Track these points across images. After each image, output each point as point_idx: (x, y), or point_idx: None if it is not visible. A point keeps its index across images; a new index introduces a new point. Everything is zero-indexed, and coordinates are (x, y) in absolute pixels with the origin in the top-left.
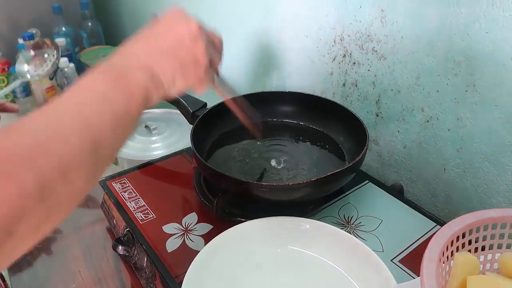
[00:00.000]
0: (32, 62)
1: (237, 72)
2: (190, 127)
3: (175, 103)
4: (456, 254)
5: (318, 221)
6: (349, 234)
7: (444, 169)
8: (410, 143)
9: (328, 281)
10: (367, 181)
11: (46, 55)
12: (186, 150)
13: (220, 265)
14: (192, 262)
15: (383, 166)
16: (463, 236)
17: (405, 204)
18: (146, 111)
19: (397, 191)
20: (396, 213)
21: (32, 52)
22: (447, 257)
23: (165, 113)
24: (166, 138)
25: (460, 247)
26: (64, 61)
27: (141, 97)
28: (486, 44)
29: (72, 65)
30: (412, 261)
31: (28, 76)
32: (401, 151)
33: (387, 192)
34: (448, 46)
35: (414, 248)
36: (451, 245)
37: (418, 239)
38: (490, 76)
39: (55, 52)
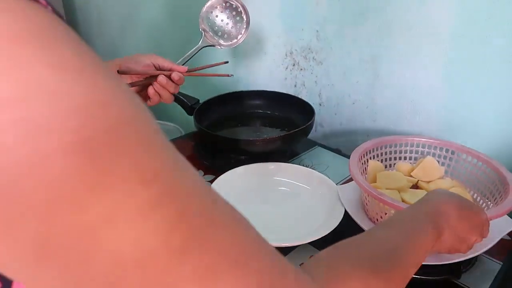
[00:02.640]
0: None
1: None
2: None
3: (176, 99)
4: (370, 161)
5: (289, 163)
6: (308, 168)
7: (368, 135)
8: (344, 121)
9: (298, 191)
10: (316, 146)
11: None
12: (180, 137)
13: (226, 190)
14: None
15: (327, 139)
16: (372, 152)
17: (342, 157)
18: None
19: (336, 151)
20: (336, 162)
21: None
22: (362, 163)
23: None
24: None
25: (370, 159)
26: None
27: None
28: (382, 53)
29: None
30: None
31: None
32: (338, 127)
33: (330, 151)
34: (360, 51)
35: (348, 178)
36: (363, 156)
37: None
38: (387, 70)
39: None
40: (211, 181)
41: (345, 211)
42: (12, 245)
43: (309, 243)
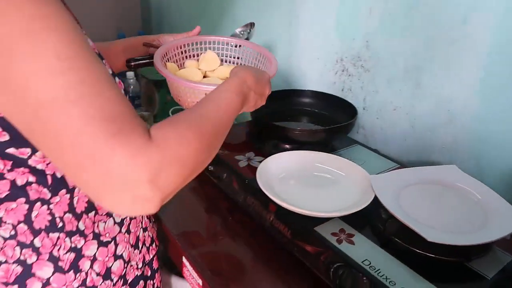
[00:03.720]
0: None
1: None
2: None
3: None
4: (167, 63)
5: (329, 153)
6: (345, 159)
7: (405, 140)
8: (385, 125)
9: (337, 177)
10: (356, 144)
11: None
12: (236, 125)
13: (272, 171)
14: (258, 168)
15: (367, 141)
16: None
17: (379, 155)
18: None
19: (374, 150)
20: (373, 158)
21: None
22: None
23: None
24: None
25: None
26: (130, 74)
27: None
28: (425, 65)
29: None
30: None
31: None
32: (378, 131)
33: (368, 149)
34: (406, 62)
35: (380, 172)
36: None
37: (384, 170)
38: (428, 81)
39: None
40: (260, 162)
41: (375, 196)
42: None
43: (340, 217)
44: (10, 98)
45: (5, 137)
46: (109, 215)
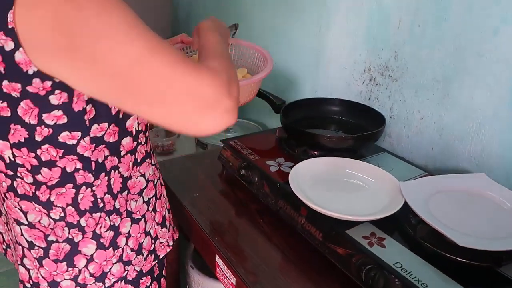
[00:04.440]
0: None
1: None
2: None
3: (266, 99)
4: None
5: (358, 160)
6: (375, 166)
7: (432, 148)
8: (411, 133)
9: (367, 183)
10: (383, 152)
11: None
12: (265, 131)
13: (303, 175)
14: (290, 172)
15: (394, 149)
16: None
17: (406, 163)
18: None
19: (401, 158)
20: (400, 166)
21: None
22: None
23: (237, 121)
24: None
25: None
26: None
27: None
28: (453, 75)
29: None
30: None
31: None
32: (405, 139)
33: (395, 157)
34: (435, 72)
35: (410, 178)
36: None
37: (412, 177)
38: (457, 91)
39: None
40: (290, 167)
41: (405, 202)
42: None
43: (370, 221)
44: (99, 71)
45: (64, 119)
46: (139, 194)
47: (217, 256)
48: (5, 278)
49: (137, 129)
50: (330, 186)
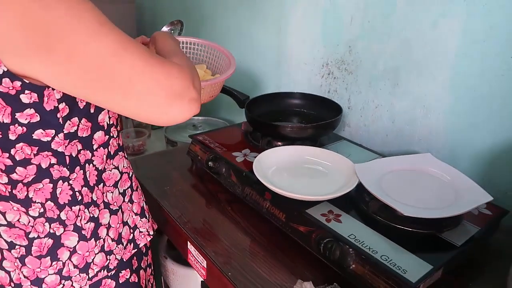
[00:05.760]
0: None
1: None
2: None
3: (231, 95)
4: None
5: (317, 147)
6: (332, 151)
7: (387, 135)
8: (368, 122)
9: (325, 168)
10: (342, 140)
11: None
12: (231, 126)
13: (266, 163)
14: (254, 161)
15: (353, 137)
16: None
17: (363, 149)
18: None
19: (359, 145)
20: (357, 151)
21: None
22: None
23: (205, 119)
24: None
25: None
26: None
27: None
28: (401, 65)
29: None
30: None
31: None
32: (362, 128)
33: (353, 144)
34: (385, 64)
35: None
36: None
37: (367, 161)
38: (405, 80)
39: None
40: (255, 157)
41: (359, 182)
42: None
43: (328, 200)
44: (73, 66)
45: (37, 118)
46: (114, 186)
47: (188, 242)
48: None
49: (108, 123)
50: (291, 172)
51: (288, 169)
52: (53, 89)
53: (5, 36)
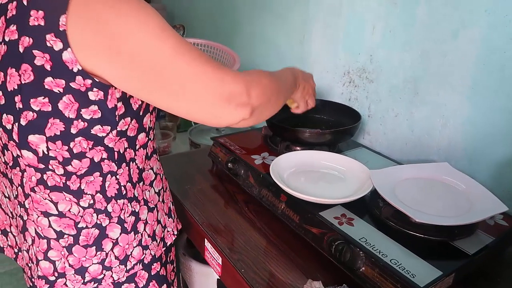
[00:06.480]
0: None
1: None
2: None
3: None
4: None
5: (334, 153)
6: (348, 157)
7: (406, 144)
8: (387, 130)
9: (341, 173)
10: (361, 147)
11: None
12: (252, 129)
13: (283, 167)
14: (271, 164)
15: (372, 145)
16: None
17: (381, 156)
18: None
19: (377, 153)
20: (375, 159)
21: None
22: None
23: None
24: None
25: None
26: None
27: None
28: (421, 75)
29: None
30: None
31: None
32: (382, 136)
33: (372, 151)
34: (405, 73)
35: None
36: None
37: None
38: (424, 89)
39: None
40: (273, 160)
41: (374, 188)
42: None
43: (341, 204)
44: (136, 67)
45: (98, 114)
46: (150, 185)
47: (205, 240)
48: (8, 276)
49: (149, 125)
50: (307, 175)
51: (304, 173)
52: (115, 88)
53: (81, 38)
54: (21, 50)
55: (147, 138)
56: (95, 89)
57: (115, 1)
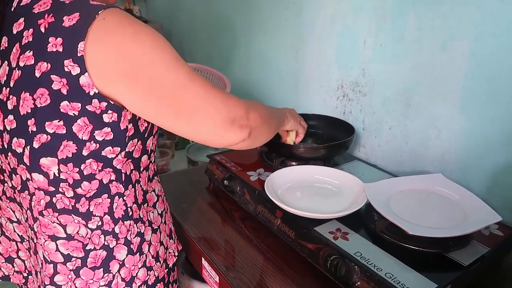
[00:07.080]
0: None
1: None
2: None
3: None
4: None
5: (328, 167)
6: (342, 171)
7: (401, 155)
8: (382, 143)
9: (335, 187)
10: (356, 160)
11: None
12: None
13: (278, 182)
14: (266, 180)
15: (368, 158)
16: None
17: (377, 169)
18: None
19: (373, 165)
20: (370, 172)
21: None
22: None
23: None
24: None
25: None
26: None
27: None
28: (413, 87)
29: None
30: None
31: None
32: (377, 149)
33: (367, 164)
34: (397, 86)
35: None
36: None
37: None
38: (417, 101)
39: None
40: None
41: (368, 202)
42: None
43: (336, 218)
44: (151, 93)
45: (110, 136)
46: (153, 207)
47: (202, 258)
48: None
49: (151, 148)
50: (302, 190)
51: (299, 188)
52: (127, 110)
53: (100, 64)
54: (37, 75)
55: (149, 161)
56: (109, 111)
57: (134, 31)
